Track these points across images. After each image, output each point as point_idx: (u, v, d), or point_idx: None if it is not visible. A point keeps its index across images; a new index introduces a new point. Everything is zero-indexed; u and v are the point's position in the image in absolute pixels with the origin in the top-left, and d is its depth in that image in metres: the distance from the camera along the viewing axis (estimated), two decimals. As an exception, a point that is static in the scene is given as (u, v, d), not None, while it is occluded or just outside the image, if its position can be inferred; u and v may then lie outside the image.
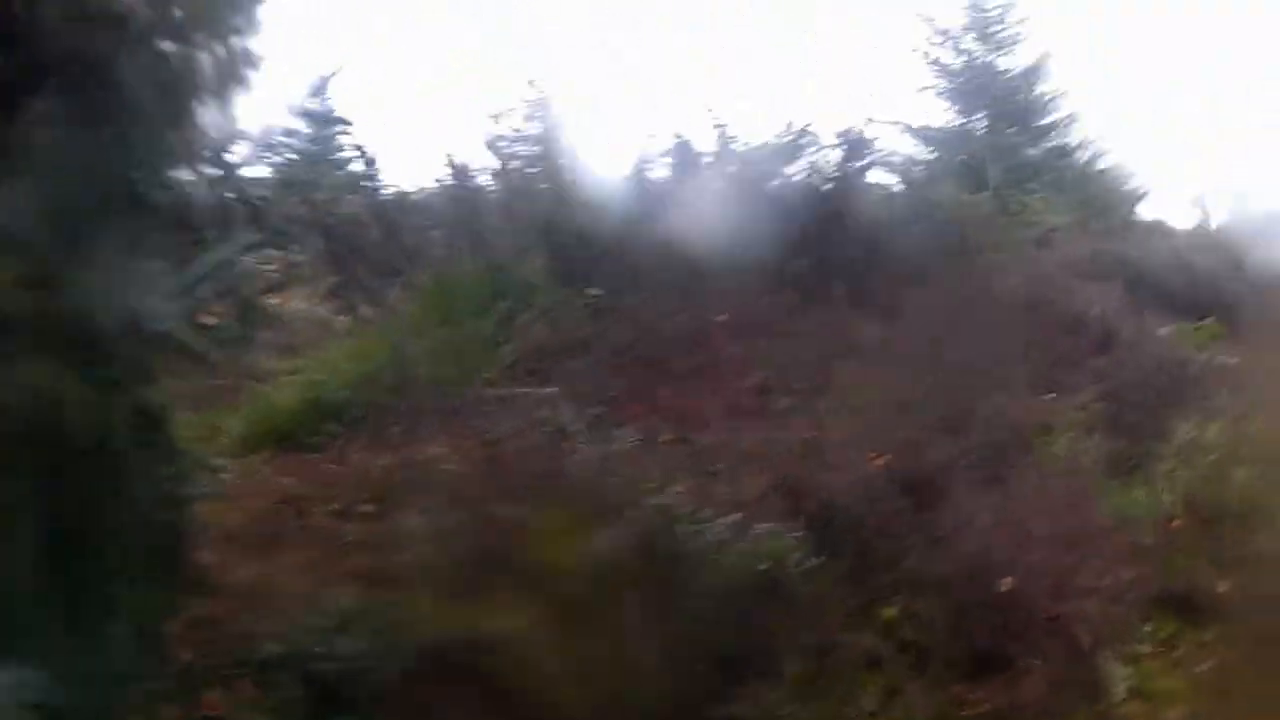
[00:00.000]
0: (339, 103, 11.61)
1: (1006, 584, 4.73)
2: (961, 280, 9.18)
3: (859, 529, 5.08)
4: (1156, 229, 15.19)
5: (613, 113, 10.36)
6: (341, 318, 8.58)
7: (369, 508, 5.95)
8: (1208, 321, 9.95)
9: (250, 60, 5.18)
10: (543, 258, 8.78)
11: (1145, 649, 5.50)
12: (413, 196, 10.57)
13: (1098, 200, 15.21)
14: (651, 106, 10.50)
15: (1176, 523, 6.36)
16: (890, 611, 4.87)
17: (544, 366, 7.50)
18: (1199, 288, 11.39)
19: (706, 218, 9.29)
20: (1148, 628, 5.66)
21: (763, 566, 4.51)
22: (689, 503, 4.68)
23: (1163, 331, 9.25)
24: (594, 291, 8.30)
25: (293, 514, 6.03)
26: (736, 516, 4.65)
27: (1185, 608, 5.82)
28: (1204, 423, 7.33)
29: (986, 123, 14.23)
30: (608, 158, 10.58)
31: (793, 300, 8.55)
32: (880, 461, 5.64)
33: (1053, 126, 16.00)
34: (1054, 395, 7.44)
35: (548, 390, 7.08)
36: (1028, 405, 7.08)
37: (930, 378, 6.92)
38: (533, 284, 8.43)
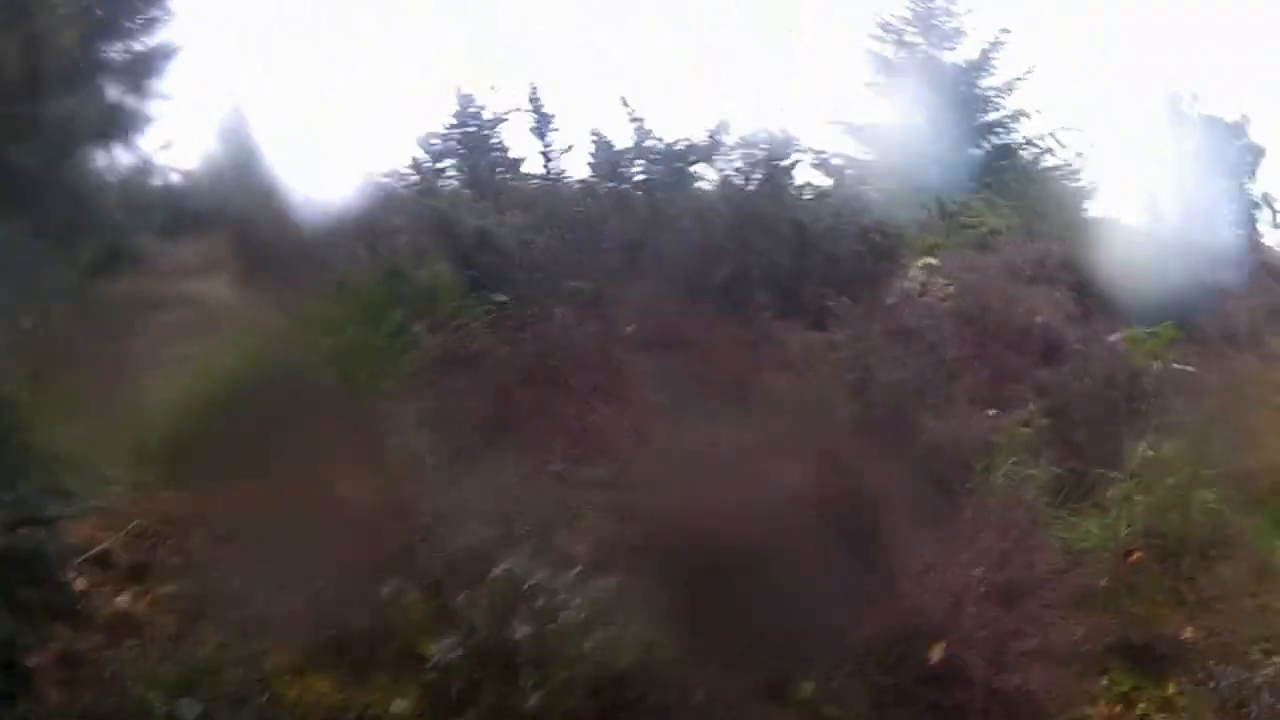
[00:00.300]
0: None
1: (938, 653, 3.88)
2: (894, 289, 8.41)
3: (764, 578, 4.21)
4: (1107, 228, 14.36)
5: (526, 109, 9.31)
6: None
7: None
8: (1163, 325, 9.05)
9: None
10: (445, 262, 7.91)
11: (1099, 710, 4.70)
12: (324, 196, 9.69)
13: (1044, 200, 14.37)
14: (569, 102, 9.36)
15: (1135, 556, 5.50)
16: (808, 686, 4.01)
17: (440, 379, 6.63)
18: (1151, 290, 10.59)
19: (621, 220, 8.48)
20: (1104, 681, 4.88)
21: (629, 658, 3.58)
22: (546, 565, 3.78)
23: (1113, 338, 8.39)
24: (498, 298, 7.43)
25: (175, 534, 5.20)
26: (608, 583, 3.73)
27: (1145, 658, 5.03)
28: (1161, 440, 6.43)
29: (928, 120, 13.37)
30: (520, 156, 9.75)
31: (711, 310, 7.73)
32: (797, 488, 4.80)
33: (997, 124, 15.16)
34: (995, 412, 6.63)
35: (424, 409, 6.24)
36: (966, 424, 6.26)
37: (860, 394, 6.10)
38: (434, 290, 7.56)
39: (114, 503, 5.32)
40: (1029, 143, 15.04)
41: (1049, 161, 15.07)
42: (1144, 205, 12.38)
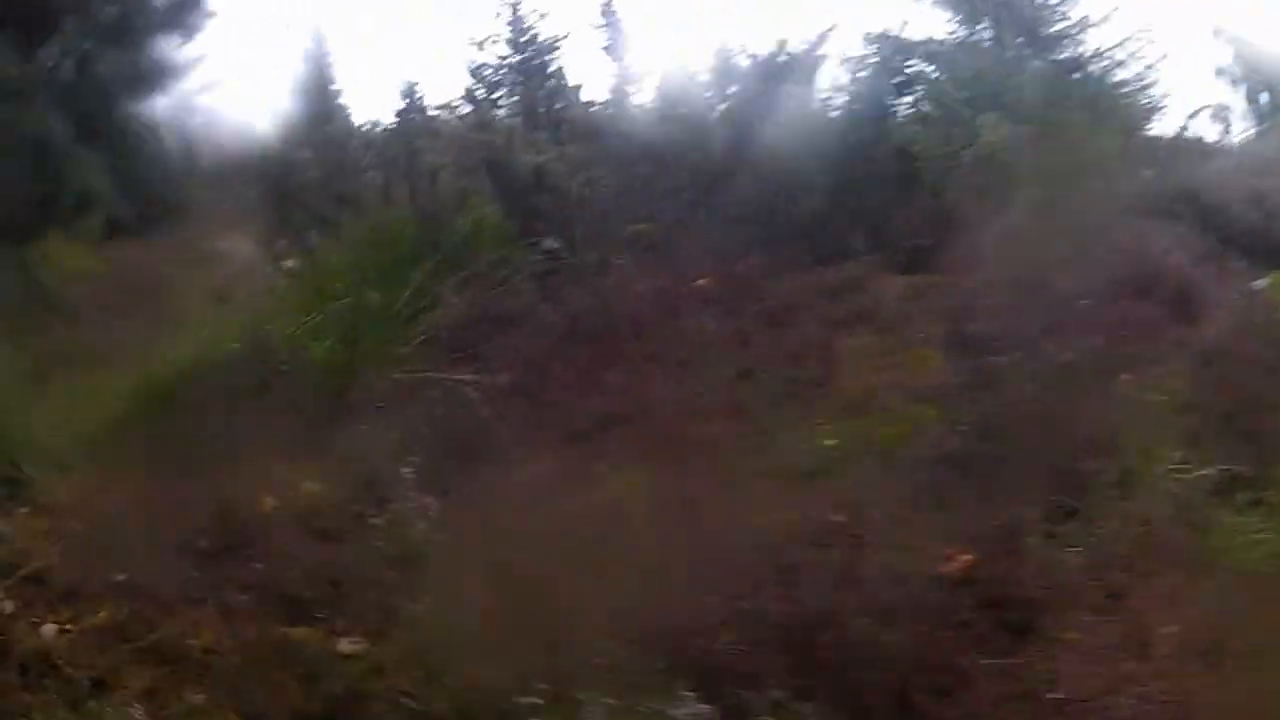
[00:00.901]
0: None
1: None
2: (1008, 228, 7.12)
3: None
4: (1192, 147, 12.58)
5: (598, 25, 8.10)
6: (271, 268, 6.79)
7: (205, 544, 4.20)
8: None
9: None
10: (492, 204, 6.81)
11: None
12: (363, 132, 8.63)
13: (1114, 117, 12.64)
14: (636, 25, 8.08)
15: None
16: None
17: (475, 342, 5.56)
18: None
19: (697, 153, 7.29)
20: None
21: None
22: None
23: (1258, 285, 6.99)
24: (550, 245, 6.33)
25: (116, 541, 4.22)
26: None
27: None
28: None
29: (992, 34, 11.79)
30: (579, 83, 8.56)
31: (799, 256, 6.55)
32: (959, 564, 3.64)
33: (1064, 35, 13.38)
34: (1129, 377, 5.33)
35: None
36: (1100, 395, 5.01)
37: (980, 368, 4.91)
38: (477, 236, 6.47)
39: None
40: (1101, 54, 13.29)
41: (1124, 74, 13.32)
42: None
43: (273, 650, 3.60)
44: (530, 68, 8.55)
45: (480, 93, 8.42)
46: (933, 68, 12.44)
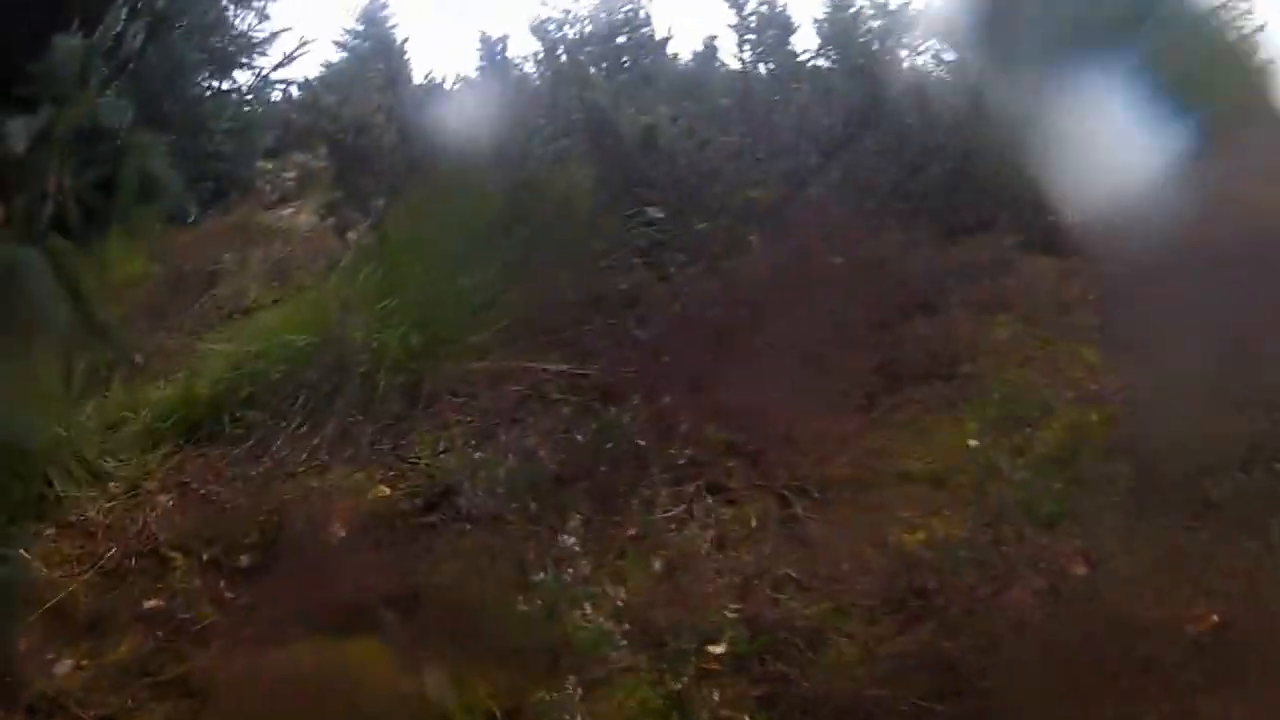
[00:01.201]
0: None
1: None
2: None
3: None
4: None
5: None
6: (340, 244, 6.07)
7: (245, 559, 3.66)
8: None
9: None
10: (589, 167, 5.94)
11: None
12: (442, 90, 7.84)
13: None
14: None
15: None
16: None
17: (568, 329, 4.75)
18: None
19: (818, 111, 6.39)
20: None
21: None
22: None
23: None
24: (654, 213, 5.45)
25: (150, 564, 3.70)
26: None
27: None
28: None
29: None
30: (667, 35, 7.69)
31: (927, 230, 5.66)
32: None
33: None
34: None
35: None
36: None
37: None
38: (570, 204, 5.63)
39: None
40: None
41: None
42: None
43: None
44: (613, 22, 7.70)
45: (561, 47, 7.58)
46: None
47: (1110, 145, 5.71)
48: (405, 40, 8.68)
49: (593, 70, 6.86)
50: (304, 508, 3.83)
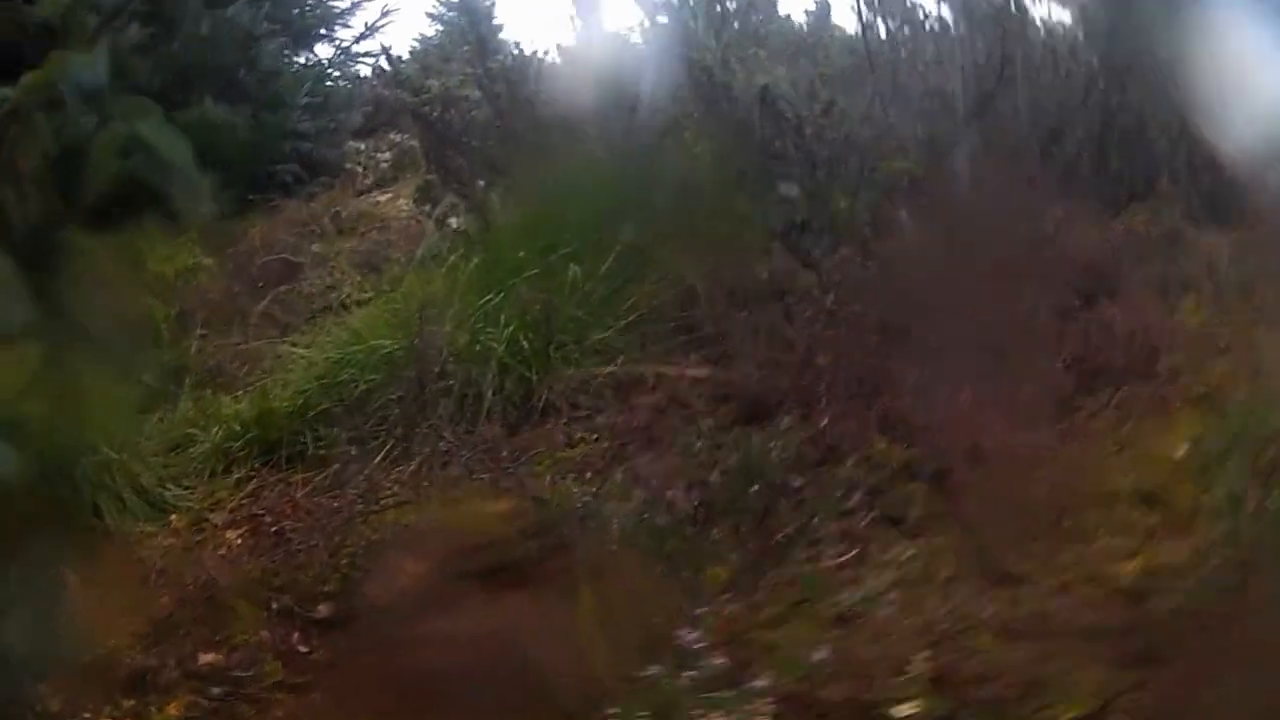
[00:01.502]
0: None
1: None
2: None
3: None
4: None
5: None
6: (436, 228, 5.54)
7: (323, 609, 3.07)
8: None
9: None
10: (710, 140, 5.28)
11: None
12: (540, 60, 7.24)
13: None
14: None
15: None
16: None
17: (704, 326, 4.10)
18: None
19: (949, 70, 5.68)
20: None
21: None
22: None
23: None
24: (787, 192, 4.77)
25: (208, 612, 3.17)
26: None
27: None
28: None
29: None
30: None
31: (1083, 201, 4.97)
32: None
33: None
34: None
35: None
36: None
37: None
38: (691, 181, 4.97)
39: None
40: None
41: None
42: None
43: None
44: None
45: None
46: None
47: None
48: (497, 7, 8.15)
49: (699, 29, 6.20)
50: (394, 549, 3.25)
